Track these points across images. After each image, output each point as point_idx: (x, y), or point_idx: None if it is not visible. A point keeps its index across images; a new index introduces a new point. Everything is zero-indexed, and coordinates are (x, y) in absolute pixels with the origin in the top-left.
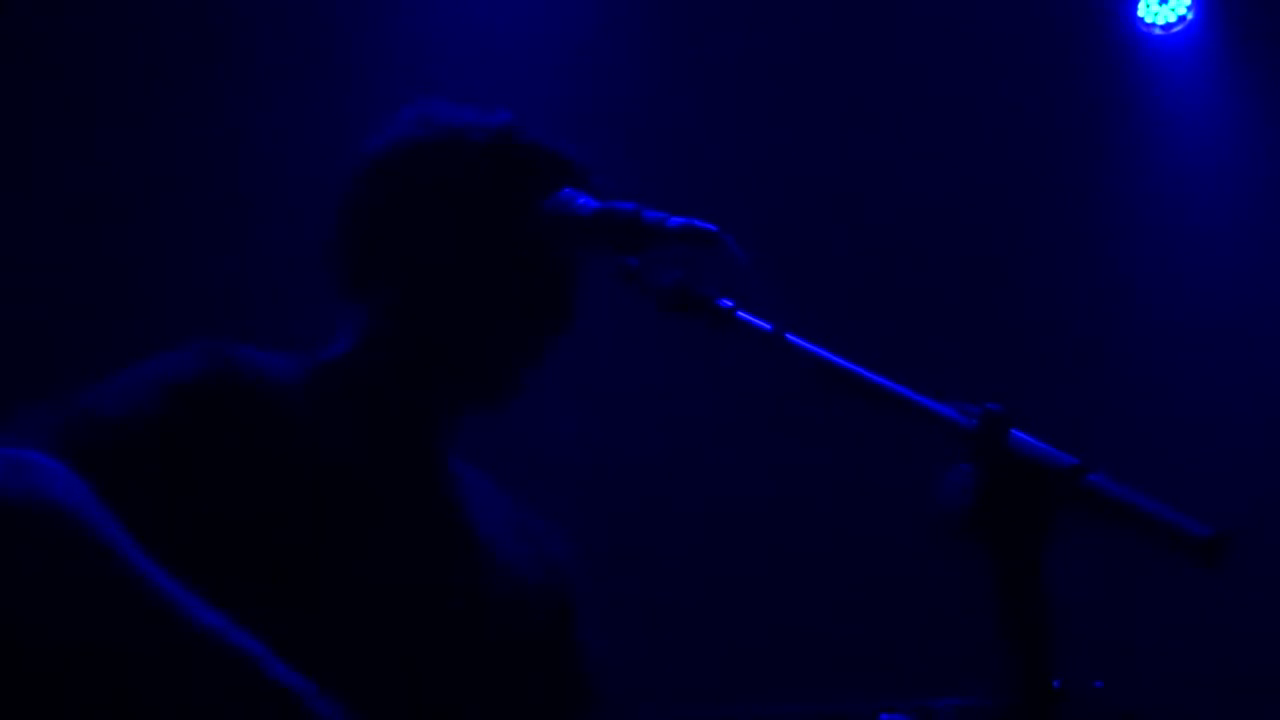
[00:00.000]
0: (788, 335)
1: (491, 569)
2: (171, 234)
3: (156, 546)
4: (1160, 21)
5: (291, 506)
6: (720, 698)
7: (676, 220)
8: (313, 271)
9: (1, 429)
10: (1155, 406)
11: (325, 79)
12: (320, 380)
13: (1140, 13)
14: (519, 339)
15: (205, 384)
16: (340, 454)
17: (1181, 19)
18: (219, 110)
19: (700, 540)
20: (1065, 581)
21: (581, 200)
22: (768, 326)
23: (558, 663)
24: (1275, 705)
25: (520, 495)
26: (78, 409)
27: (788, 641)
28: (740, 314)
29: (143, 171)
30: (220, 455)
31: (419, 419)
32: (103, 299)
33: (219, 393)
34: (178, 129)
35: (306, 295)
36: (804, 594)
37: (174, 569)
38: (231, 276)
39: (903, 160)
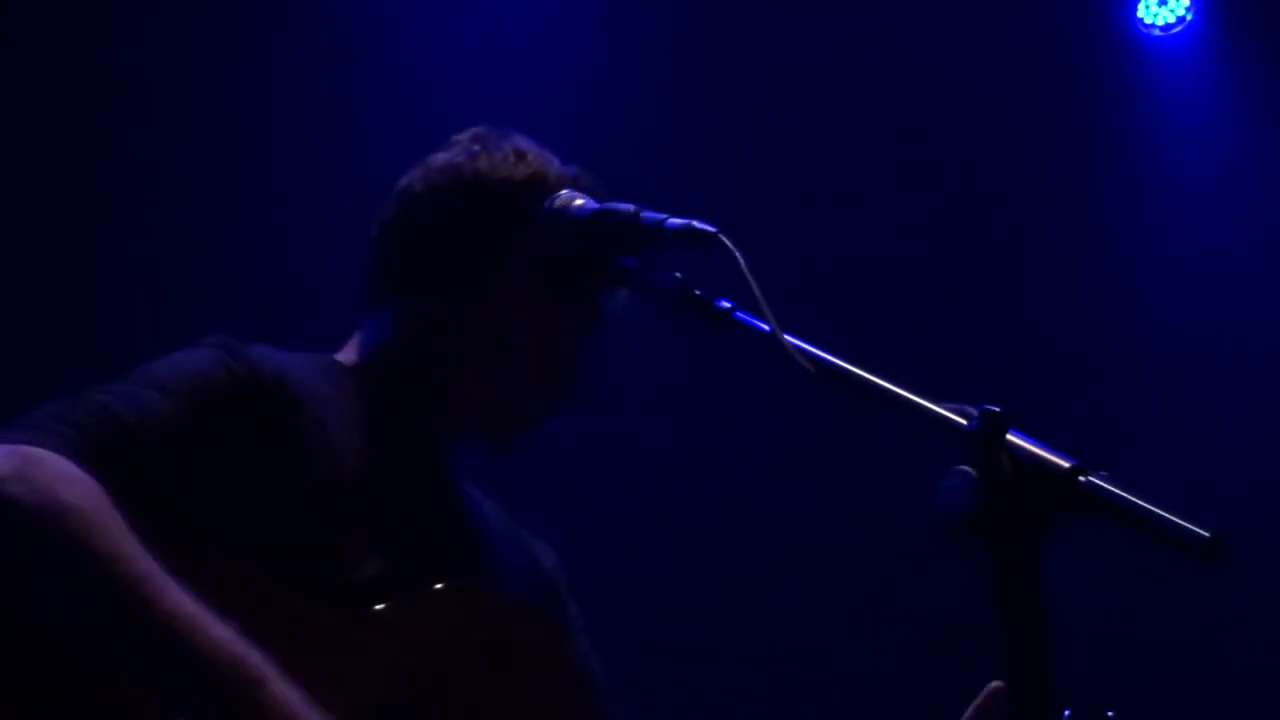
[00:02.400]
0: (787, 336)
1: (499, 580)
2: (171, 233)
3: (166, 547)
4: (1160, 22)
5: (304, 507)
6: (719, 710)
7: (675, 221)
8: (316, 272)
9: (18, 425)
10: (1155, 407)
11: (325, 78)
12: (336, 383)
13: (1140, 13)
14: (529, 379)
15: (224, 385)
16: (353, 459)
17: (1181, 19)
18: (218, 113)
19: (696, 544)
20: (1066, 583)
21: (581, 201)
22: (767, 327)
23: (551, 675)
24: (1276, 709)
25: (510, 505)
26: (96, 408)
27: (782, 645)
28: (739, 314)
29: (143, 169)
30: (236, 456)
31: (427, 433)
32: (100, 297)
33: (238, 393)
34: (178, 129)
35: (313, 295)
36: (800, 597)
37: (184, 572)
38: (231, 276)
39: (901, 161)
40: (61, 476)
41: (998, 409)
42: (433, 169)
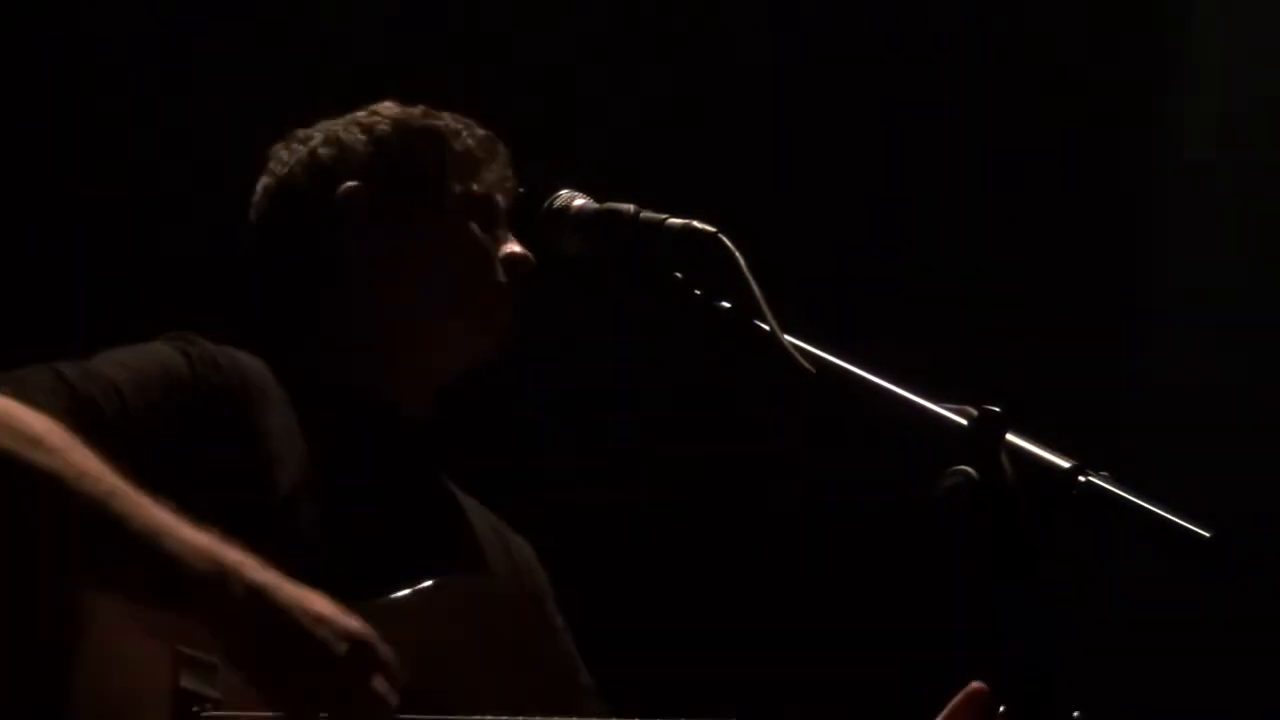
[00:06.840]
0: (786, 336)
1: (490, 573)
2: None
3: None
4: None
5: (271, 506)
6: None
7: (676, 221)
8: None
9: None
10: (1154, 408)
11: (315, 74)
12: (291, 381)
13: None
14: (457, 315)
15: (187, 375)
16: (328, 457)
17: None
18: (197, 103)
19: (691, 545)
20: (1064, 583)
21: (580, 201)
22: (766, 327)
23: (549, 667)
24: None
25: (493, 506)
26: (52, 376)
27: (778, 648)
28: (739, 314)
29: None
30: (196, 448)
31: (395, 416)
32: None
33: (199, 385)
34: (150, 126)
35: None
36: (795, 598)
37: None
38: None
39: (900, 161)
40: (14, 410)
41: (998, 409)
42: (269, 190)
